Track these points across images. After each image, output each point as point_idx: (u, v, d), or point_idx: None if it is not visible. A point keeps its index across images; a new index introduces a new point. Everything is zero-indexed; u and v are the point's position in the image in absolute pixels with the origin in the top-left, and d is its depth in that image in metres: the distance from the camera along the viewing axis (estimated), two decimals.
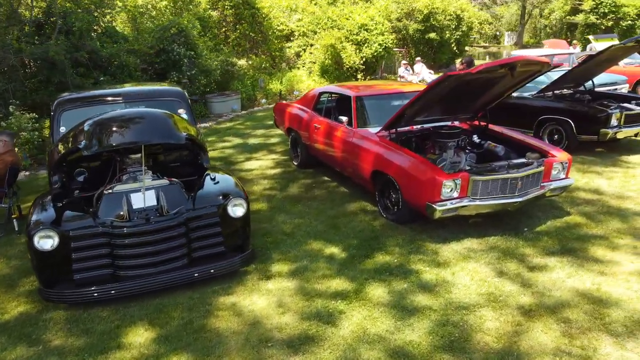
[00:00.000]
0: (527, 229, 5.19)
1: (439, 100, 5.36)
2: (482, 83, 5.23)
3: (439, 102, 5.48)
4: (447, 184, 4.73)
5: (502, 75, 4.99)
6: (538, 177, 5.10)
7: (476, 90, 5.46)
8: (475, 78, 4.93)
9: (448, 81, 4.68)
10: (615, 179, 6.73)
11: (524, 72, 5.15)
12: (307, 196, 6.49)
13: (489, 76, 5.00)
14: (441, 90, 4.93)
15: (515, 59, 4.60)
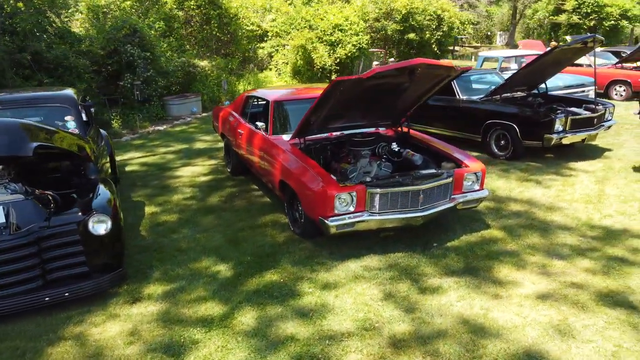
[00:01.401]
0: (437, 244, 4.84)
1: (346, 106, 5.03)
2: (390, 88, 4.90)
3: (349, 108, 5.15)
4: (341, 198, 4.38)
5: (407, 79, 4.65)
6: (445, 189, 4.75)
7: (388, 96, 5.12)
8: (379, 83, 4.60)
9: (338, 87, 4.33)
10: (553, 188, 6.37)
11: (433, 76, 4.82)
12: (225, 206, 6.15)
13: (392, 81, 4.67)
14: (339, 97, 4.59)
15: (411, 63, 4.25)
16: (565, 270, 4.28)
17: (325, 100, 4.59)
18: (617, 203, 5.84)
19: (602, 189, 6.30)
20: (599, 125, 7.68)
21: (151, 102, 12.58)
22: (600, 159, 7.69)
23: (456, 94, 8.47)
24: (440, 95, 8.83)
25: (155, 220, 5.76)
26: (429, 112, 8.92)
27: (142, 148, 9.67)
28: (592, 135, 7.53)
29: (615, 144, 8.59)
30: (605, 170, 7.10)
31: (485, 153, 8.04)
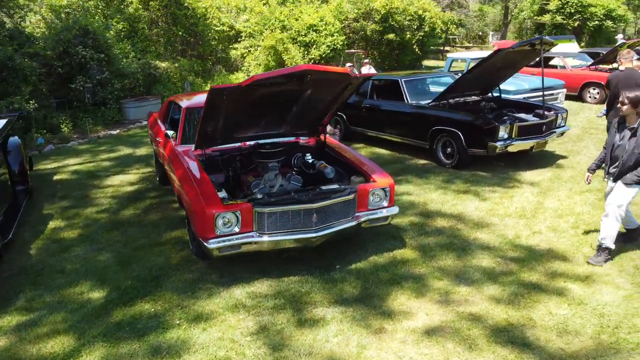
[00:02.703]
0: (340, 266, 4.43)
1: (249, 114, 4.63)
2: (291, 95, 4.49)
3: (254, 116, 4.75)
4: (225, 217, 3.97)
5: (303, 86, 4.25)
6: (347, 206, 4.33)
7: (294, 104, 4.72)
8: (275, 90, 4.21)
9: (218, 96, 3.93)
10: (489, 201, 5.96)
11: (333, 82, 4.41)
12: (136, 220, 5.74)
13: (288, 88, 4.25)
14: (229, 105, 4.18)
15: (296, 69, 3.84)
16: (468, 298, 3.87)
17: (211, 110, 4.18)
18: (552, 218, 5.43)
19: (541, 202, 5.89)
20: (549, 132, 7.26)
21: (107, 105, 12.18)
22: (551, 167, 7.28)
23: (404, 98, 8.07)
24: (389, 100, 8.47)
25: (54, 236, 5.36)
26: (380, 117, 8.55)
27: (83, 154, 9.26)
28: (541, 143, 7.11)
29: (572, 151, 8.18)
30: (552, 180, 6.69)
31: (433, 161, 7.64)
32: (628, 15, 23.17)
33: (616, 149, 4.28)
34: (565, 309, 3.69)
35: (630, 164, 4.13)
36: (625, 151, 4.17)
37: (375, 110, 8.62)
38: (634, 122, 4.15)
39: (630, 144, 4.14)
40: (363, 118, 8.93)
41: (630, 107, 4.10)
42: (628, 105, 4.10)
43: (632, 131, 4.15)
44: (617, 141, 4.27)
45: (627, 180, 4.15)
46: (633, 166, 4.12)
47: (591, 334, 3.40)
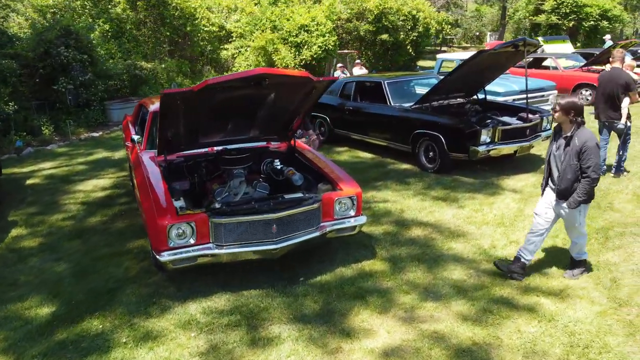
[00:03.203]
0: (303, 278, 4.23)
1: (210, 118, 4.44)
2: (255, 99, 4.30)
3: (216, 120, 4.56)
4: (179, 228, 3.77)
5: (264, 90, 4.06)
6: (311, 216, 4.13)
7: (260, 108, 4.53)
8: (236, 94, 4.02)
9: (171, 100, 3.73)
10: (468, 208, 5.76)
11: (297, 86, 4.21)
12: (101, 228, 5.55)
13: (250, 92, 4.07)
14: (186, 110, 3.99)
15: (249, 74, 3.65)
16: (433, 314, 3.67)
17: (167, 115, 3.99)
18: None
19: (522, 209, 5.69)
20: (534, 135, 7.06)
21: (91, 106, 11.98)
22: (536, 172, 7.07)
23: (387, 100, 7.87)
24: (372, 102, 8.28)
25: (14, 245, 5.16)
26: (363, 120, 8.35)
27: (60, 157, 9.07)
28: (525, 147, 6.90)
29: None
30: (534, 185, 6.48)
31: (416, 165, 7.44)
32: (624, 15, 22.97)
33: (552, 159, 3.92)
34: (535, 327, 3.49)
35: (568, 177, 3.73)
36: (561, 162, 3.79)
37: (359, 112, 8.42)
38: (568, 131, 3.74)
39: (565, 155, 3.75)
40: (346, 121, 8.73)
41: (562, 114, 3.70)
42: (559, 112, 3.71)
43: (567, 140, 3.74)
44: (553, 151, 3.88)
45: (572, 204, 3.75)
46: (571, 180, 3.73)
47: (560, 354, 3.20)
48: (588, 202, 3.86)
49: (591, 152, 3.61)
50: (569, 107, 3.67)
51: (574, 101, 3.69)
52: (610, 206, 5.72)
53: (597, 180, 3.69)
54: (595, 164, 3.63)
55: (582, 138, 3.64)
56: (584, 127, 3.70)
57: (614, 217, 5.39)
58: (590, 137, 3.64)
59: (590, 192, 3.74)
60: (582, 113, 3.70)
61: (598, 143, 3.69)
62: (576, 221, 3.90)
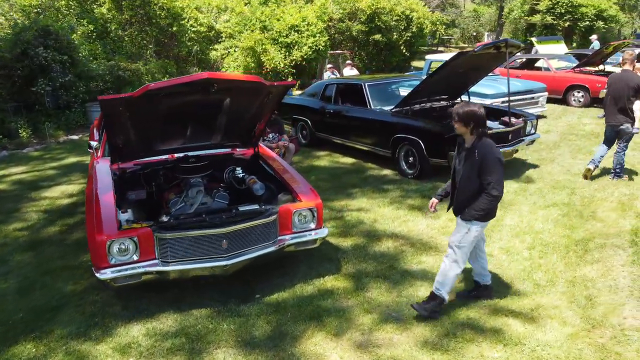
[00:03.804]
0: (260, 296, 3.97)
1: (168, 124, 4.19)
2: (210, 104, 4.05)
3: (172, 126, 4.31)
4: (120, 244, 3.52)
5: (223, 94, 3.82)
6: (267, 230, 3.88)
7: (219, 113, 4.28)
8: (189, 99, 3.77)
9: (114, 106, 3.49)
10: (444, 217, 5.50)
11: (254, 90, 3.96)
12: (58, 238, 5.30)
13: (202, 97, 3.81)
14: (131, 116, 3.74)
15: (193, 78, 3.40)
16: (393, 337, 3.42)
17: (110, 122, 3.74)
18: (508, 237, 4.98)
19: (500, 218, 5.43)
20: (517, 140, 6.81)
21: (72, 108, 11.73)
22: (519, 178, 6.82)
23: (367, 103, 7.62)
24: (353, 105, 8.03)
25: None
26: (344, 123, 8.09)
27: (33, 161, 8.81)
28: (507, 152, 6.63)
29: (546, 159, 7.72)
30: (516, 192, 6.23)
31: (396, 171, 7.19)
32: (619, 15, 22.71)
33: (456, 175, 3.52)
34: (500, 351, 3.24)
35: (467, 193, 3.35)
36: (461, 177, 3.42)
37: (339, 116, 8.17)
38: (468, 143, 3.36)
39: (464, 169, 3.38)
40: (327, 124, 8.48)
41: (460, 125, 3.31)
42: (458, 122, 3.31)
43: (467, 153, 3.35)
44: (457, 165, 3.51)
45: (465, 216, 3.38)
46: (470, 197, 3.35)
47: None
48: (484, 221, 3.41)
49: (491, 166, 3.22)
50: (467, 117, 3.27)
51: (473, 110, 3.28)
52: (593, 215, 5.46)
53: (497, 198, 3.28)
54: (497, 179, 3.23)
55: (481, 151, 3.25)
56: (485, 139, 3.31)
57: (596, 228, 5.14)
58: (490, 150, 3.27)
59: (488, 209, 3.33)
60: (484, 123, 3.30)
61: (500, 157, 3.26)
62: (457, 240, 3.44)
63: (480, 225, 3.42)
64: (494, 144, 3.34)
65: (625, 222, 5.24)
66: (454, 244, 3.47)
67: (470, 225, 3.39)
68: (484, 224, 3.46)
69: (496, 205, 3.40)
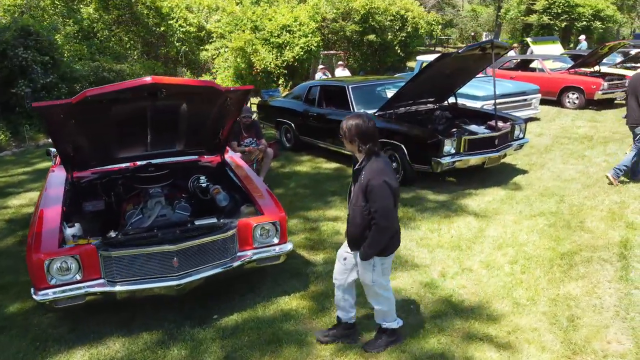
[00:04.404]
0: (217, 316, 3.70)
1: (124, 132, 3.92)
2: (166, 110, 3.78)
3: (129, 133, 4.04)
4: (60, 262, 3.24)
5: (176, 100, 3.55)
6: (224, 245, 3.60)
7: (179, 119, 4.01)
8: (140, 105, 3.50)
9: (54, 114, 3.22)
10: (424, 227, 5.23)
11: (203, 96, 3.68)
12: (16, 250, 5.01)
13: (153, 103, 3.54)
14: (78, 123, 3.47)
15: (135, 84, 3.12)
16: None
17: (55, 129, 3.47)
18: (490, 249, 4.70)
19: (483, 229, 5.16)
20: (504, 145, 6.53)
21: None
22: (507, 184, 6.54)
23: (351, 106, 7.34)
24: (336, 108, 7.76)
25: None
26: (327, 127, 7.81)
27: (6, 165, 8.53)
28: (494, 158, 6.36)
29: (536, 164, 7.45)
30: (502, 200, 5.96)
31: None
32: (617, 15, 22.43)
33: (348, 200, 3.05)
34: None
35: (357, 221, 2.86)
36: (349, 204, 2.98)
37: (323, 119, 7.89)
38: (359, 162, 2.90)
39: (353, 194, 2.92)
40: (311, 127, 8.20)
41: (346, 142, 2.86)
42: (343, 138, 2.87)
43: (357, 174, 2.89)
44: (352, 187, 3.01)
45: (361, 255, 2.89)
46: (360, 226, 2.85)
47: None
48: (385, 255, 2.94)
49: (377, 192, 2.72)
50: (351, 133, 2.80)
51: (356, 124, 2.78)
52: (581, 225, 5.19)
53: (386, 230, 2.79)
54: (382, 207, 2.73)
55: (367, 174, 2.76)
56: (376, 159, 2.81)
57: (583, 239, 4.87)
58: (378, 172, 2.76)
59: (382, 242, 2.83)
60: (373, 138, 2.80)
61: (389, 180, 2.76)
62: (369, 279, 2.99)
63: (383, 259, 2.94)
64: (385, 163, 2.82)
65: (615, 233, 4.97)
66: (369, 284, 3.00)
67: (372, 262, 2.92)
68: (388, 258, 2.98)
69: (394, 237, 2.92)
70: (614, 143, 8.62)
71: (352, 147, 2.85)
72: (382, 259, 2.95)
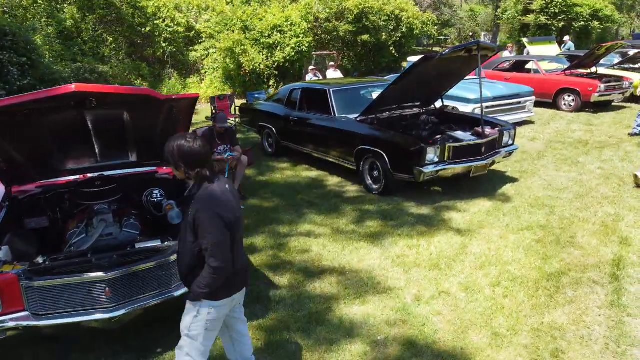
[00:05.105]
0: (161, 350, 3.32)
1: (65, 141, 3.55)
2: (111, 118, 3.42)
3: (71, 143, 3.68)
4: None
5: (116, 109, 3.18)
6: (166, 271, 3.22)
7: (125, 128, 3.64)
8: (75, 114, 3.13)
9: None
10: (401, 244, 4.85)
11: (139, 104, 3.31)
12: None
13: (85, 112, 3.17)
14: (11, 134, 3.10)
15: (53, 93, 2.75)
16: None
17: None
18: (471, 269, 4.32)
19: (466, 245, 4.79)
20: (491, 153, 6.15)
21: None
22: (495, 194, 6.17)
23: (332, 111, 6.96)
24: (317, 113, 7.38)
25: None
26: (307, 132, 7.44)
27: None
28: (480, 167, 5.97)
29: (527, 172, 7.07)
30: (489, 212, 5.58)
31: (362, 185, 6.53)
32: (615, 15, 22.03)
33: None
34: None
35: (186, 259, 2.42)
36: (179, 237, 2.50)
37: (303, 123, 7.50)
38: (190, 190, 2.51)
39: (182, 226, 2.48)
40: (292, 132, 7.82)
41: (172, 168, 2.44)
42: (170, 165, 2.43)
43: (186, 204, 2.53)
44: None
45: (190, 295, 2.41)
46: (189, 265, 2.40)
47: None
48: (217, 300, 2.39)
49: (207, 226, 2.26)
50: (174, 157, 2.35)
51: (179, 146, 2.32)
52: (571, 241, 4.82)
53: (218, 270, 2.26)
54: (213, 244, 2.25)
55: (196, 203, 2.32)
56: (207, 186, 2.35)
57: (573, 257, 4.49)
58: (207, 203, 2.29)
59: (213, 284, 2.30)
60: (202, 161, 2.34)
61: (220, 212, 2.27)
62: (185, 325, 2.47)
63: (213, 306, 2.40)
64: (220, 191, 2.34)
65: (607, 250, 4.60)
66: (184, 331, 2.48)
67: (199, 307, 2.40)
68: (220, 303, 2.42)
69: (231, 280, 2.40)
70: (609, 148, 8.24)
71: (180, 173, 2.39)
72: (211, 307, 2.39)
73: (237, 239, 2.42)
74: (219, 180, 2.39)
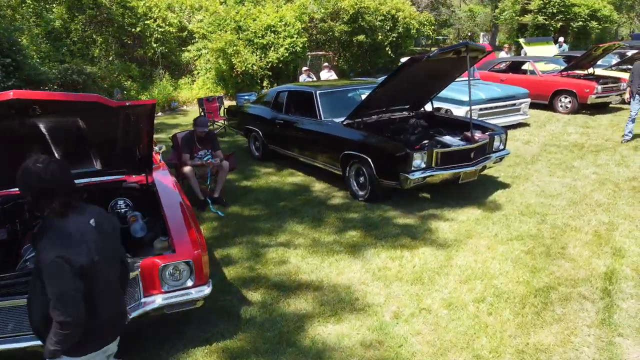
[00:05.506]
0: None
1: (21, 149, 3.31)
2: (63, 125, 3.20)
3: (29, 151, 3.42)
4: None
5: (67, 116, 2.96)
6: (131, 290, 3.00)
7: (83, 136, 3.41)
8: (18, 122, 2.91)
9: None
10: (383, 255, 4.63)
11: (91, 111, 3.08)
12: None
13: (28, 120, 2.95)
14: None
15: None
16: None
17: None
18: (455, 283, 4.10)
19: (451, 257, 4.56)
20: (481, 158, 5.93)
21: None
22: (485, 200, 5.95)
23: (317, 114, 6.73)
24: (303, 116, 7.16)
25: None
26: (293, 135, 7.22)
27: None
28: (469, 173, 5.75)
29: (520, 177, 6.84)
30: (477, 221, 5.36)
31: (348, 191, 6.31)
32: (614, 15, 21.81)
33: None
34: None
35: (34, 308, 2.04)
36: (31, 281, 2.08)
37: (289, 127, 7.28)
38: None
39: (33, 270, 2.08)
40: (278, 136, 7.61)
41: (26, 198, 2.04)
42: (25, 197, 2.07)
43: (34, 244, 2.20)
44: None
45: (45, 353, 1.96)
46: (39, 315, 2.00)
47: None
48: (77, 357, 2.01)
49: (49, 272, 1.87)
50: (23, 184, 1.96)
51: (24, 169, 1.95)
52: (562, 252, 4.59)
53: (65, 325, 1.87)
54: (57, 294, 1.86)
55: (42, 245, 1.92)
56: (56, 222, 1.96)
57: (563, 270, 4.27)
58: (53, 244, 1.90)
59: (66, 340, 1.91)
60: (56, 190, 1.93)
61: (68, 255, 1.87)
62: None
63: None
64: (67, 230, 1.94)
65: (599, 262, 4.38)
66: None
67: None
68: (85, 358, 2.04)
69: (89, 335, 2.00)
70: (605, 152, 8.02)
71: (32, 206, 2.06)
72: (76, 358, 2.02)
73: (101, 287, 2.03)
74: (81, 214, 1.99)
